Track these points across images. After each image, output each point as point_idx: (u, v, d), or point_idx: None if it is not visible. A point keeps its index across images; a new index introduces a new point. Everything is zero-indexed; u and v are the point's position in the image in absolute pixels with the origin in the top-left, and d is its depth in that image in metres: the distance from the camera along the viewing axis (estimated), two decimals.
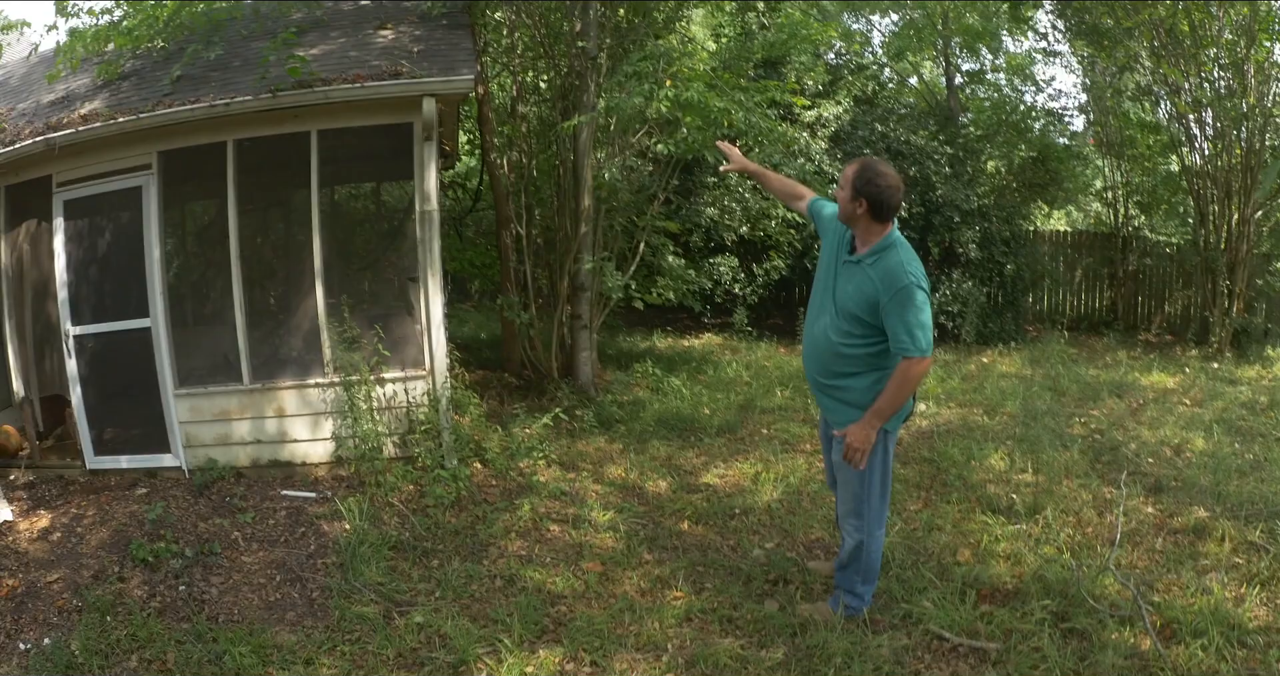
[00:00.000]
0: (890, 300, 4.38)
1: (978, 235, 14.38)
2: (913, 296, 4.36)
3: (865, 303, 4.49)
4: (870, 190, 4.45)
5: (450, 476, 7.53)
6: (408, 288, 9.06)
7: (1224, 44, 13.58)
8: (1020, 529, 6.28)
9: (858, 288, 4.54)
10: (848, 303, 4.58)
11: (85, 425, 8.59)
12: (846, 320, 4.59)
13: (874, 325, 4.50)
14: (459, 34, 9.50)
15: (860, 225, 4.58)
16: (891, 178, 4.53)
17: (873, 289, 4.46)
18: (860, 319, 4.53)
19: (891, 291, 4.38)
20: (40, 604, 6.10)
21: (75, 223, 8.71)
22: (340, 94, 7.93)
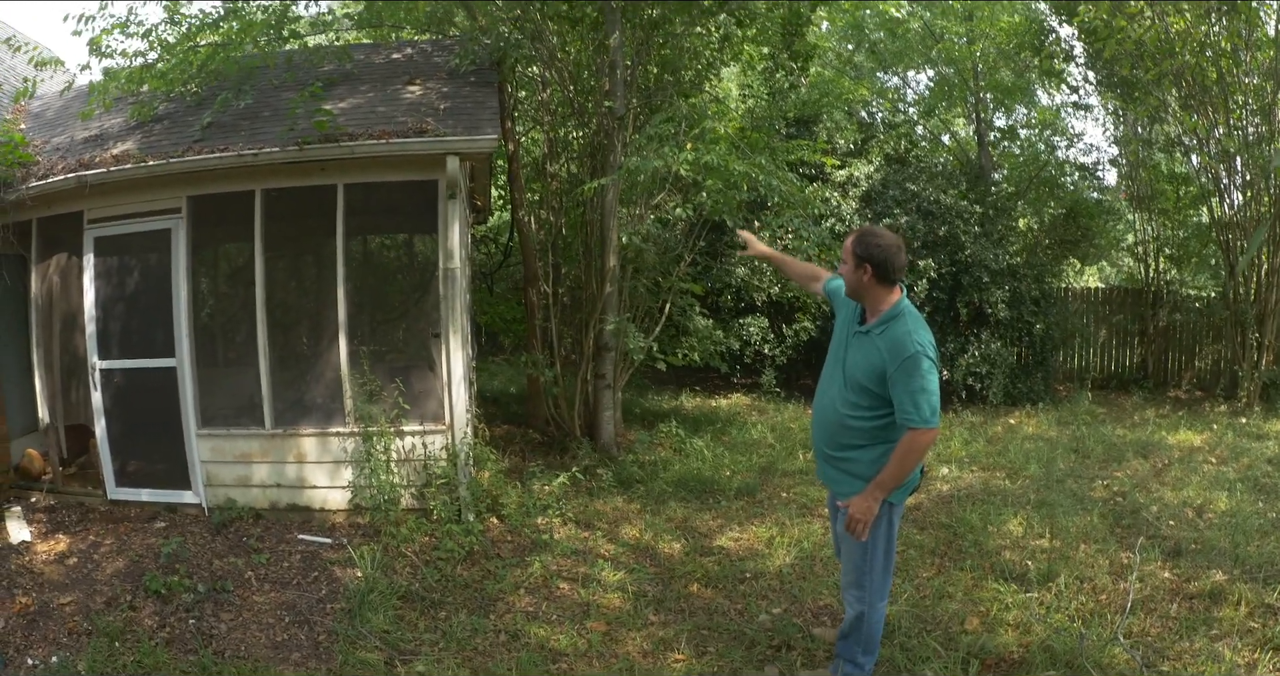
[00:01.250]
0: (897, 369, 4.37)
1: (1007, 295, 14.31)
2: (919, 365, 4.33)
3: (872, 373, 4.48)
4: (872, 254, 4.47)
5: (464, 531, 7.56)
6: (430, 342, 9.11)
7: (1251, 90, 13.58)
8: (1032, 596, 6.16)
9: (865, 357, 4.55)
10: (855, 373, 4.58)
11: (108, 456, 8.76)
12: (854, 391, 4.59)
13: (881, 396, 4.49)
14: (485, 92, 9.60)
15: (869, 294, 4.59)
16: (889, 238, 4.54)
17: (880, 358, 4.46)
18: (868, 389, 4.52)
19: (898, 361, 4.36)
20: (51, 624, 6.22)
21: (105, 259, 8.90)
22: (365, 149, 8.07)
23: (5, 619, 6.28)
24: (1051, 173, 17.99)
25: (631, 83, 10.79)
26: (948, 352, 14.33)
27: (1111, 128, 18.59)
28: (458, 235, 8.47)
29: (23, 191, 8.61)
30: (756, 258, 5.99)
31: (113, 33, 10.03)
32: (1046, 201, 18.02)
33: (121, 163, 8.42)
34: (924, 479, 5.23)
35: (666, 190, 11.14)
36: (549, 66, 11.42)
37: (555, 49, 11.18)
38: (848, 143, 16.51)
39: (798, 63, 11.93)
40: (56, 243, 9.60)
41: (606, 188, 10.04)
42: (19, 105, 11.27)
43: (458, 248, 8.47)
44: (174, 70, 9.67)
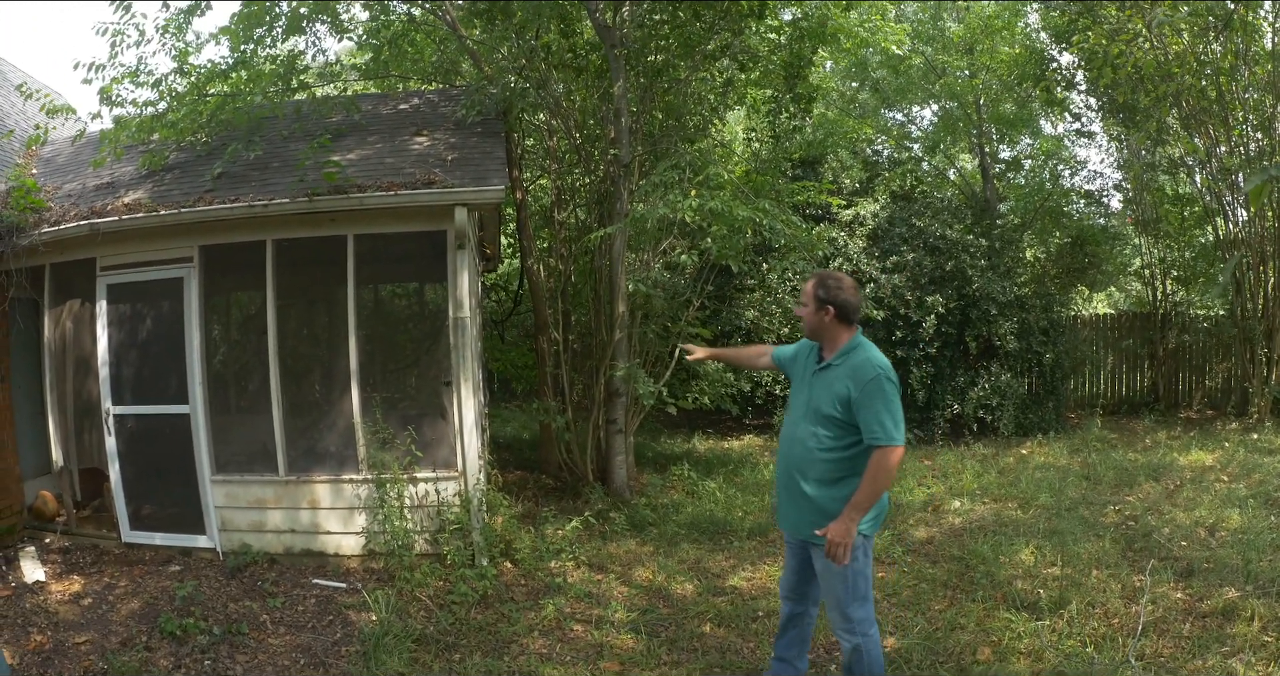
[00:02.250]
0: (860, 393, 4.57)
1: (1015, 326, 14.41)
2: (882, 387, 4.55)
3: (838, 401, 4.66)
4: (835, 297, 4.77)
5: (477, 575, 7.62)
6: (441, 390, 9.18)
7: (1251, 105, 13.67)
8: (1044, 624, 6.20)
9: (829, 389, 4.74)
10: (821, 405, 4.75)
11: (122, 500, 8.86)
12: (823, 424, 4.74)
13: (849, 424, 4.65)
14: (492, 142, 9.74)
15: (829, 333, 4.86)
16: (848, 282, 4.86)
17: (844, 386, 4.65)
18: (835, 419, 4.68)
19: (861, 384, 4.58)
20: (67, 662, 6.30)
21: (118, 306, 9.05)
22: (375, 201, 8.20)
23: (21, 656, 6.37)
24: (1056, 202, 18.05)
25: (637, 129, 10.89)
26: (958, 386, 14.38)
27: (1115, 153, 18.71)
28: (467, 284, 8.56)
29: (35, 237, 8.74)
30: (708, 358, 6.39)
31: (123, 82, 10.23)
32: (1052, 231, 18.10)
33: (133, 211, 8.58)
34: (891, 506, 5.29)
35: (673, 235, 11.22)
36: (555, 114, 11.55)
37: (561, 97, 11.31)
38: (853, 181, 16.63)
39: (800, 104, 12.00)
40: (69, 288, 9.77)
41: (614, 235, 10.12)
42: (31, 151, 11.45)
43: (467, 296, 8.56)
44: (184, 120, 9.84)
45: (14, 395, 9.42)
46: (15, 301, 9.26)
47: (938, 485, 11.06)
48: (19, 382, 9.53)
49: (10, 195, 9.22)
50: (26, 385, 9.69)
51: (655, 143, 11.43)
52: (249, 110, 10.04)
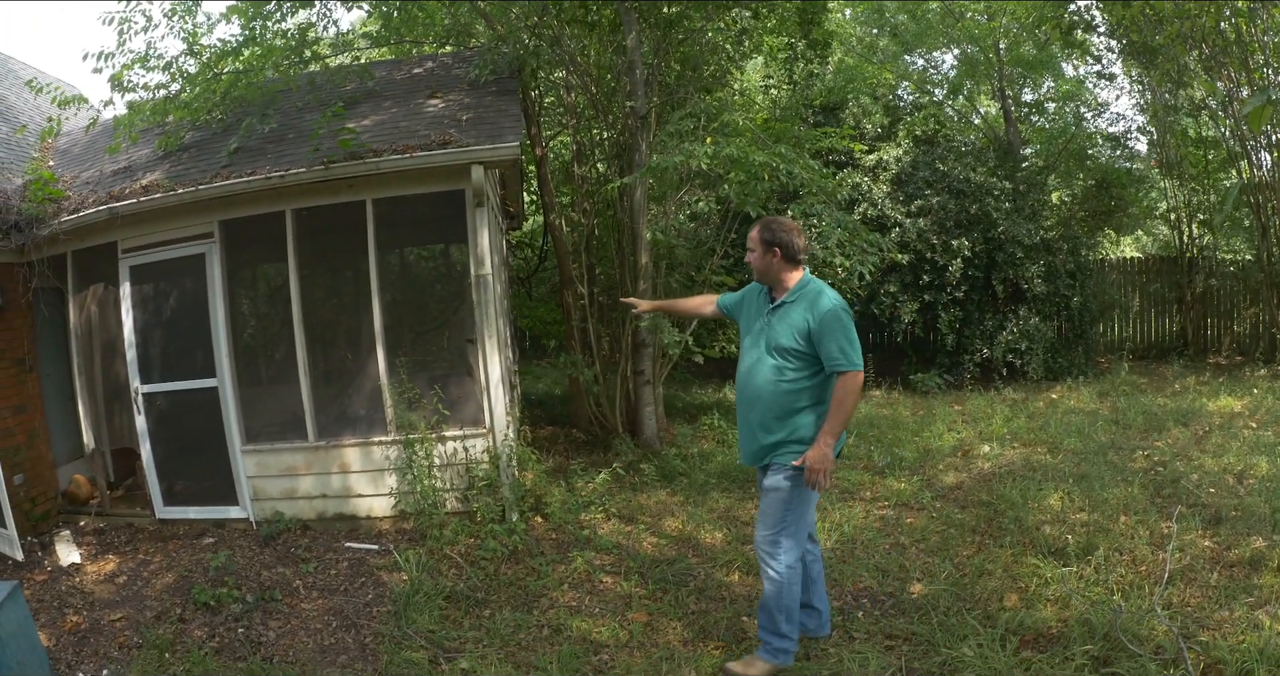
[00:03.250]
0: (819, 325, 4.78)
1: (1042, 269, 14.31)
2: (839, 318, 4.78)
3: (798, 334, 4.86)
4: (779, 238, 4.97)
5: (506, 531, 7.65)
6: (466, 348, 9.22)
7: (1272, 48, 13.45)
8: (1071, 570, 6.16)
9: (787, 324, 4.92)
10: (781, 339, 4.92)
11: (154, 477, 8.98)
12: (783, 356, 4.92)
13: (810, 355, 4.86)
14: (506, 100, 9.71)
15: (777, 274, 5.05)
16: (789, 223, 5.07)
17: (802, 319, 4.86)
18: (796, 351, 4.88)
19: (819, 317, 4.79)
20: (102, 639, 6.42)
21: (141, 287, 9.13)
22: (390, 164, 8.19)
23: (57, 637, 6.47)
24: (1080, 144, 17.84)
25: (652, 81, 10.84)
26: (986, 330, 14.32)
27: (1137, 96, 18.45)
28: (487, 242, 8.56)
29: (55, 226, 8.84)
30: (652, 310, 6.62)
31: (133, 68, 10.22)
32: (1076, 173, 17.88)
33: (151, 192, 8.64)
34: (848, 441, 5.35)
35: (694, 185, 11.17)
36: (571, 70, 11.52)
37: (575, 52, 11.26)
38: (875, 127, 16.47)
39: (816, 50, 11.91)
40: (92, 273, 9.88)
41: (634, 186, 10.09)
42: (46, 143, 11.53)
43: (488, 254, 8.56)
44: (198, 99, 9.89)
45: (43, 383, 9.58)
46: (39, 291, 9.38)
47: (967, 430, 11.07)
48: (47, 370, 9.68)
49: (28, 188, 9.32)
50: (55, 372, 9.85)
51: (672, 93, 11.36)
52: (262, 85, 10.10)
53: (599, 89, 11.57)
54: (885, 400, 13.73)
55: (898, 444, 10.40)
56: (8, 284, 9.09)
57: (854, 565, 6.73)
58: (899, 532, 7.41)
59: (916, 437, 10.74)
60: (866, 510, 8.11)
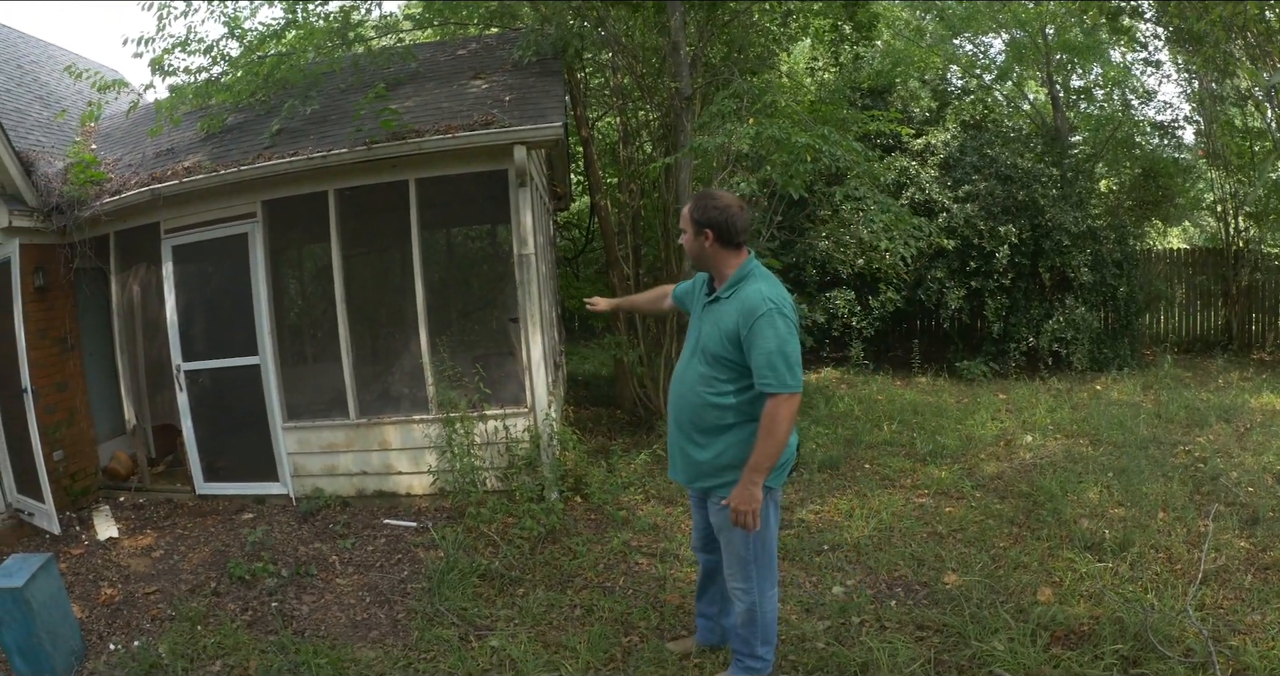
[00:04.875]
0: (749, 331, 4.08)
1: (1089, 258, 14.14)
2: (773, 324, 4.05)
3: (725, 339, 4.20)
4: (711, 217, 4.27)
5: (544, 510, 7.65)
6: (509, 328, 9.24)
7: None
8: (1106, 566, 6.11)
9: (716, 325, 4.27)
10: (709, 344, 4.29)
11: (195, 453, 9.14)
12: (712, 365, 4.29)
13: (740, 366, 4.20)
14: (549, 81, 9.70)
15: (714, 260, 4.38)
16: (728, 198, 4.33)
17: (731, 322, 4.18)
18: (724, 360, 4.23)
19: (750, 321, 4.08)
20: (135, 611, 6.54)
21: (183, 266, 9.24)
22: (433, 144, 8.21)
23: (90, 609, 6.59)
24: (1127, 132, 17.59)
25: (697, 62, 10.79)
26: (1033, 319, 14.19)
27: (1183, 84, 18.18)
28: (530, 222, 8.57)
29: (97, 208, 8.98)
30: (611, 310, 5.77)
31: (174, 52, 10.35)
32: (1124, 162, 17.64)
33: (193, 173, 8.74)
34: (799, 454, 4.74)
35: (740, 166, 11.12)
36: (616, 51, 11.50)
37: (620, 33, 11.24)
38: (923, 111, 16.37)
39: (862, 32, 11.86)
40: (134, 253, 10.08)
41: (679, 167, 10.06)
42: (87, 127, 11.67)
43: (531, 234, 8.58)
44: (240, 82, 9.97)
45: (85, 361, 9.75)
46: (81, 271, 9.57)
47: (1010, 419, 11.00)
48: (90, 349, 9.86)
49: (69, 171, 9.45)
50: (97, 351, 10.03)
51: (717, 74, 11.32)
52: (304, 68, 10.16)
53: (645, 70, 11.55)
54: (930, 387, 13.65)
55: (940, 431, 10.33)
56: (49, 264, 9.25)
57: (890, 553, 6.68)
58: (937, 521, 7.35)
59: (959, 425, 10.66)
60: (906, 497, 8.06)
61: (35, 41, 14.46)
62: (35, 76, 12.93)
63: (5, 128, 8.82)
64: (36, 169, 9.29)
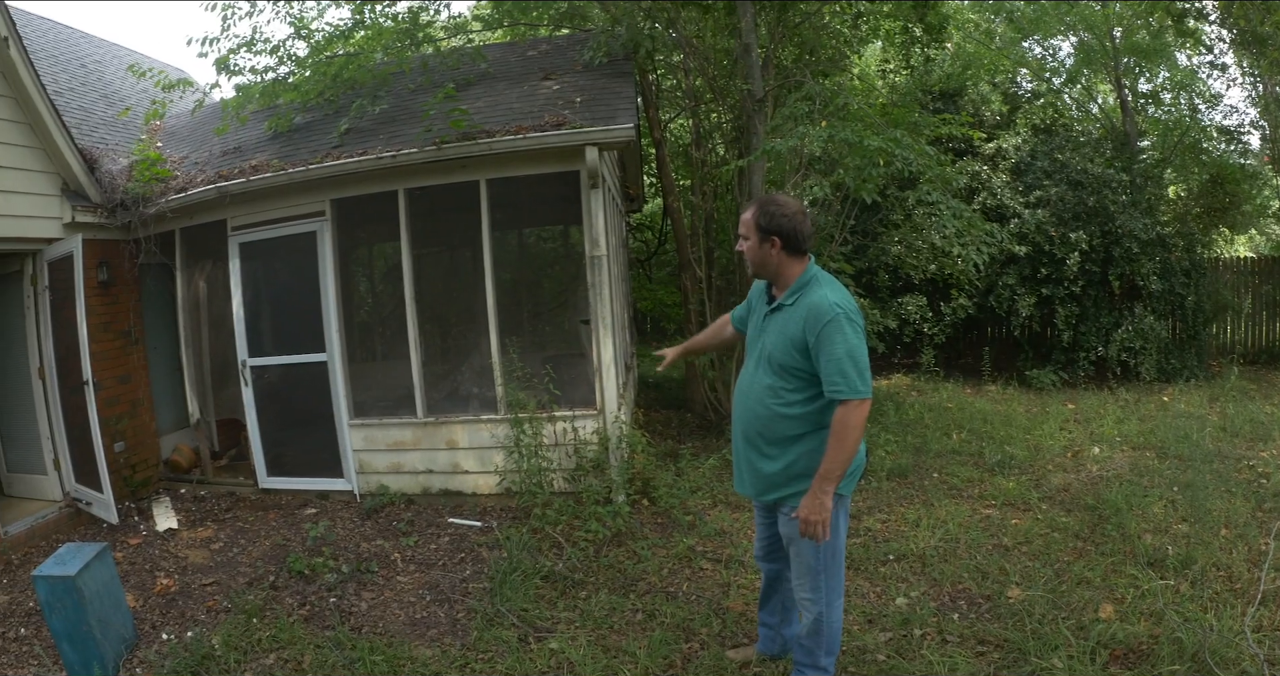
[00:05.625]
0: (817, 338, 4.02)
1: (1158, 266, 13.93)
2: (841, 329, 3.99)
3: (793, 347, 4.14)
4: (779, 225, 4.18)
5: (610, 513, 7.66)
6: (580, 329, 9.27)
7: None
8: (1168, 583, 5.99)
9: (782, 333, 4.20)
10: (776, 353, 4.23)
11: (260, 447, 9.28)
12: (779, 375, 4.23)
13: (808, 374, 4.14)
14: (620, 82, 9.72)
15: (778, 268, 4.29)
16: (792, 204, 4.24)
17: (797, 329, 4.12)
18: (792, 369, 4.17)
19: (818, 327, 4.02)
20: (191, 602, 6.64)
21: (250, 263, 9.38)
22: (503, 145, 8.24)
23: (144, 598, 6.71)
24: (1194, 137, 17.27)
25: (768, 64, 10.78)
26: (1102, 327, 14.01)
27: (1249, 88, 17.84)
28: (602, 223, 8.58)
29: (162, 204, 9.18)
30: (680, 357, 5.38)
31: (239, 52, 10.54)
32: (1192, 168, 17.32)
33: (261, 172, 8.88)
34: (868, 460, 4.77)
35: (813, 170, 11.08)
36: (688, 53, 11.49)
37: (691, 35, 11.24)
38: (994, 114, 16.23)
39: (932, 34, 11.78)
40: (200, 250, 10.27)
41: (752, 170, 10.04)
42: (152, 125, 11.90)
43: (603, 235, 8.58)
44: (308, 82, 10.11)
45: (150, 355, 9.98)
46: (146, 267, 9.79)
47: (1078, 430, 10.87)
48: (155, 343, 10.09)
49: (134, 168, 9.63)
50: (162, 345, 10.24)
51: (788, 76, 11.26)
52: (372, 68, 10.28)
53: (717, 72, 11.55)
54: (1000, 395, 13.50)
55: (1009, 441, 10.25)
56: (114, 259, 9.48)
57: (955, 565, 6.62)
58: (1003, 533, 7.27)
59: (1028, 435, 10.56)
60: (973, 508, 7.99)
61: (97, 41, 14.77)
62: (99, 75, 13.20)
63: (69, 126, 9.02)
64: (100, 166, 9.48)
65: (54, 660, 5.77)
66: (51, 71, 11.85)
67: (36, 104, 8.43)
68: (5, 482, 9.45)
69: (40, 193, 8.73)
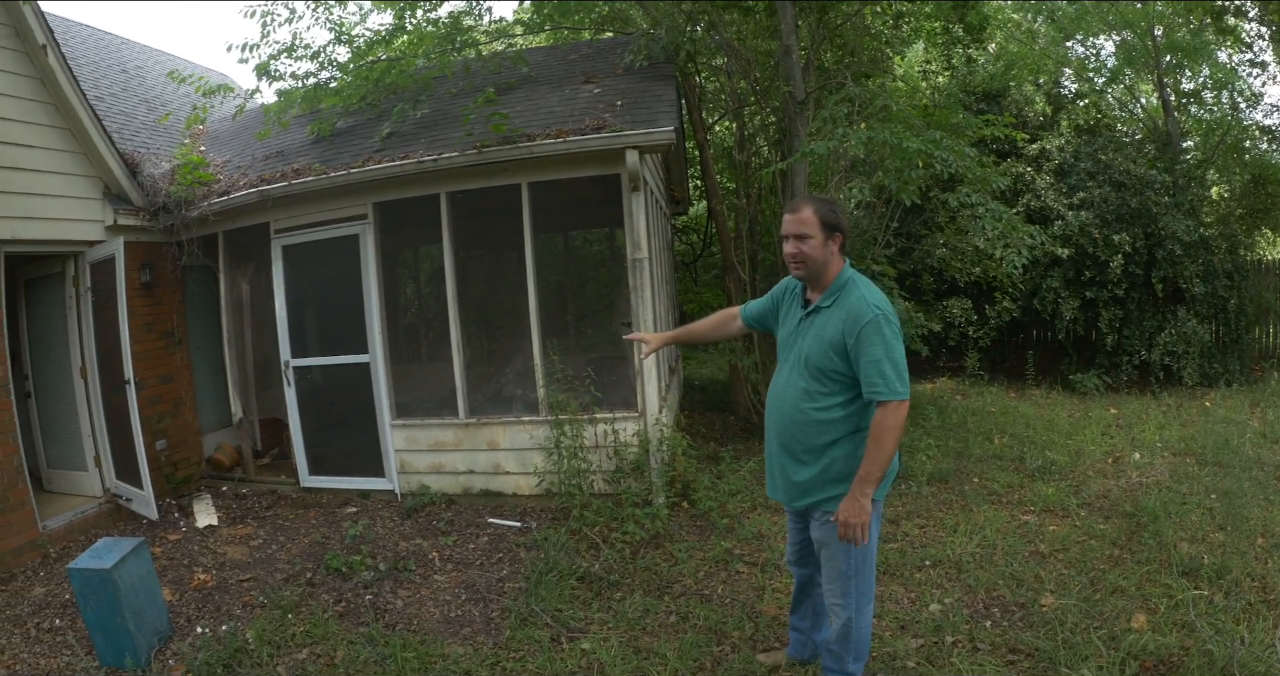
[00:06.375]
0: (856, 339, 4.00)
1: (1200, 269, 13.79)
2: (880, 331, 3.97)
3: (830, 349, 4.11)
4: (842, 221, 4.20)
5: (648, 515, 7.72)
6: (621, 332, 9.29)
7: None
8: (1202, 594, 5.90)
9: (820, 335, 4.18)
10: (813, 356, 4.18)
11: (301, 447, 9.43)
12: (816, 378, 4.19)
13: (846, 377, 4.11)
14: (661, 85, 9.77)
15: (829, 267, 4.25)
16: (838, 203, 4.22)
17: (836, 331, 4.10)
18: (830, 371, 4.14)
19: (856, 328, 4.00)
20: (227, 597, 6.77)
21: (293, 265, 9.50)
22: (544, 149, 8.32)
23: (181, 593, 6.86)
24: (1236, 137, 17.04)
25: (809, 66, 10.78)
26: (1145, 331, 13.89)
27: None
28: (644, 226, 8.63)
29: (204, 208, 9.37)
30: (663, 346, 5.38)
31: (279, 58, 10.70)
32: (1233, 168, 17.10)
33: (302, 175, 9.04)
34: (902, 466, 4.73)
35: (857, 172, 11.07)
36: (730, 55, 11.53)
37: (732, 38, 11.27)
38: (1037, 115, 16.12)
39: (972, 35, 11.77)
40: (243, 252, 10.49)
41: (794, 172, 10.07)
42: (194, 129, 12.10)
43: (645, 239, 8.63)
44: (349, 87, 10.27)
45: (193, 355, 10.19)
46: (189, 268, 9.99)
47: (1120, 435, 10.79)
48: (198, 343, 10.31)
49: (176, 172, 9.80)
50: (205, 345, 10.45)
51: (829, 78, 11.28)
52: (414, 73, 10.39)
53: (760, 74, 11.56)
54: (1044, 400, 13.43)
55: (1050, 446, 10.19)
56: (157, 262, 9.69)
57: (990, 571, 6.58)
58: (1040, 540, 7.22)
59: (1069, 441, 10.50)
60: (1011, 514, 7.95)
61: (138, 47, 15.02)
62: (140, 80, 13.45)
63: (110, 131, 9.22)
64: (142, 170, 9.69)
65: (87, 650, 5.91)
66: (93, 77, 12.09)
67: (76, 110, 8.63)
68: (45, 478, 9.65)
69: (81, 196, 8.94)
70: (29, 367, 9.61)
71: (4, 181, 8.06)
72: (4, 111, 8.07)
